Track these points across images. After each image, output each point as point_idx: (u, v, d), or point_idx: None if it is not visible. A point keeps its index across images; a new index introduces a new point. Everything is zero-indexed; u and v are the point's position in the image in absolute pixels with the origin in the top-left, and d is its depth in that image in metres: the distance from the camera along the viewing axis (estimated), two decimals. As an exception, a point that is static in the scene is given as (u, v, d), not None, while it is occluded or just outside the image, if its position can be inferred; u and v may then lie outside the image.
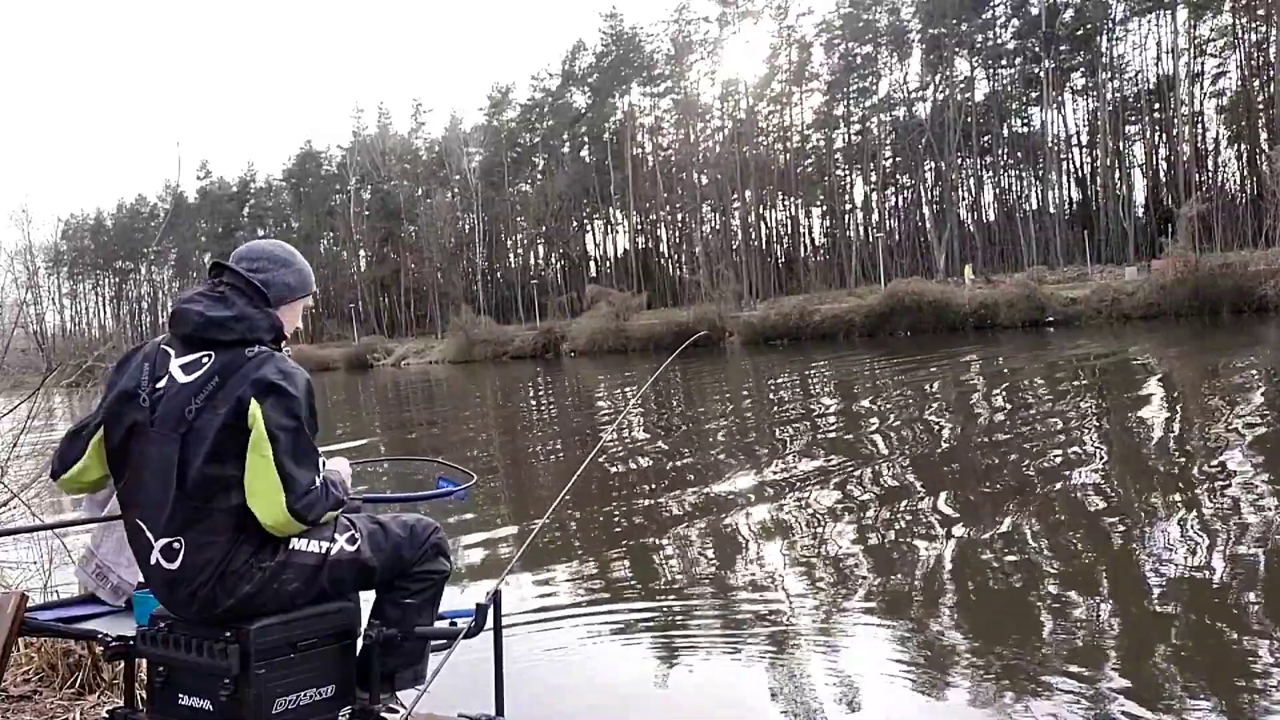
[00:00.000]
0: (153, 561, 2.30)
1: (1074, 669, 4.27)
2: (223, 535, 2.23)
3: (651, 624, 5.44)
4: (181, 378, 2.28)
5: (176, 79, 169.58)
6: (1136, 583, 5.59)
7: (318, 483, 2.26)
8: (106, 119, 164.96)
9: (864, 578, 6.08)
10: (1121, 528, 6.81)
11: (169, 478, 2.24)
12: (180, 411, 2.25)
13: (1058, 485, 8.40)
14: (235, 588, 2.24)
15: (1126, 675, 4.20)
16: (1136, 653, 4.49)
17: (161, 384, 2.31)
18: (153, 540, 2.29)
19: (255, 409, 2.20)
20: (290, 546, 2.31)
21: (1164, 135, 67.96)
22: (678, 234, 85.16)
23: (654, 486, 10.24)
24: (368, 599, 2.57)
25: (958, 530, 7.10)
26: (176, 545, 2.25)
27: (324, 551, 2.37)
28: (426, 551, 2.58)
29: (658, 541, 7.61)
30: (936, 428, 13.17)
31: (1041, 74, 67.38)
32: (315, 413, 2.32)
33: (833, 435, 13.36)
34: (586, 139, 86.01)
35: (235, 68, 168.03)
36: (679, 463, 11.94)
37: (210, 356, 2.29)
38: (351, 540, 2.44)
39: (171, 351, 2.34)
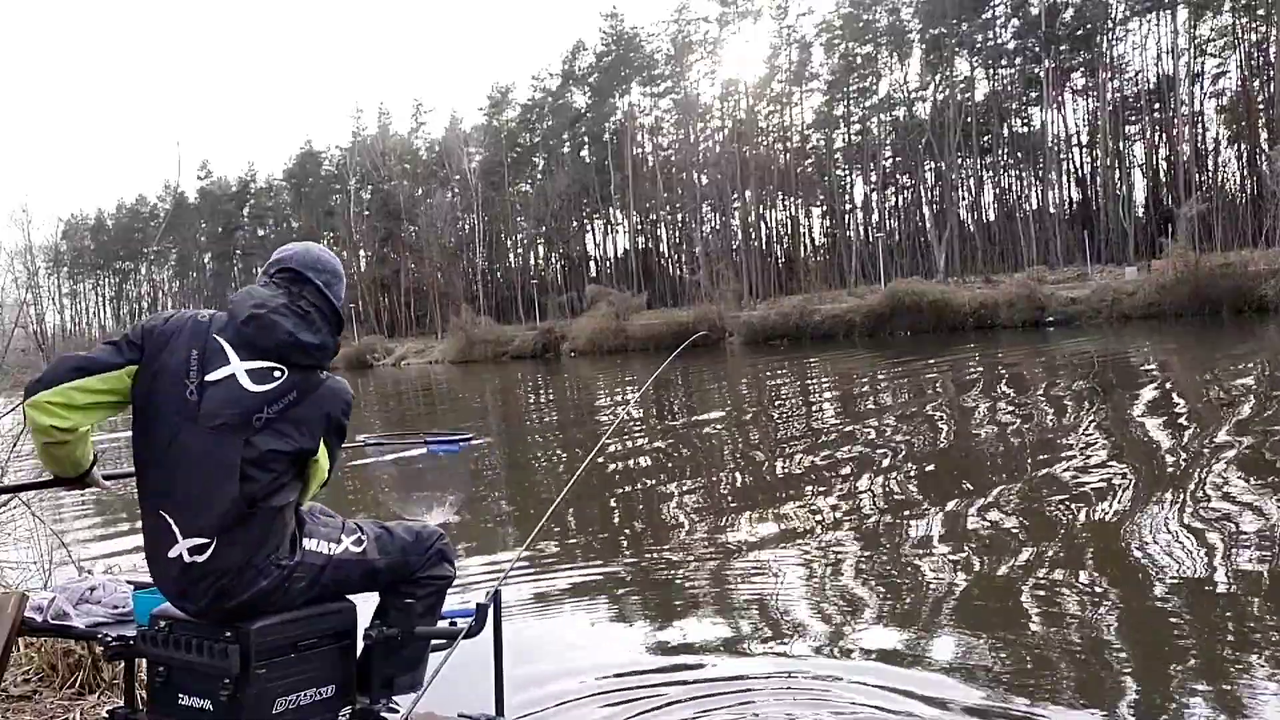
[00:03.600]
0: (173, 554, 2.25)
1: (1073, 668, 4.27)
2: (254, 532, 2.25)
3: (653, 624, 5.44)
4: (249, 384, 2.25)
5: (176, 79, 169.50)
6: (1138, 583, 5.59)
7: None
8: (106, 119, 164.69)
9: (865, 577, 6.08)
10: (1123, 528, 6.81)
11: (223, 479, 2.21)
12: (247, 417, 2.23)
13: (1059, 486, 8.40)
14: (253, 582, 2.25)
15: (1126, 675, 4.20)
16: (1137, 653, 4.49)
17: (215, 378, 2.25)
18: (179, 535, 2.25)
19: (324, 445, 2.37)
20: (304, 547, 2.35)
21: (1164, 135, 67.93)
22: (678, 234, 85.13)
23: (655, 488, 10.24)
24: (364, 603, 2.58)
25: (958, 531, 7.10)
26: (207, 542, 2.23)
27: (329, 553, 2.40)
28: (431, 557, 2.59)
29: (659, 542, 7.61)
30: (938, 428, 13.17)
31: (1041, 74, 67.37)
32: None
33: (834, 436, 13.35)
34: (586, 139, 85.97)
35: (235, 68, 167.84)
36: (680, 464, 11.95)
37: (283, 372, 2.29)
38: (357, 543, 2.47)
39: (228, 349, 2.28)
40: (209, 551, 2.24)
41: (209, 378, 2.25)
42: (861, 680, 4.28)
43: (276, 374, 2.27)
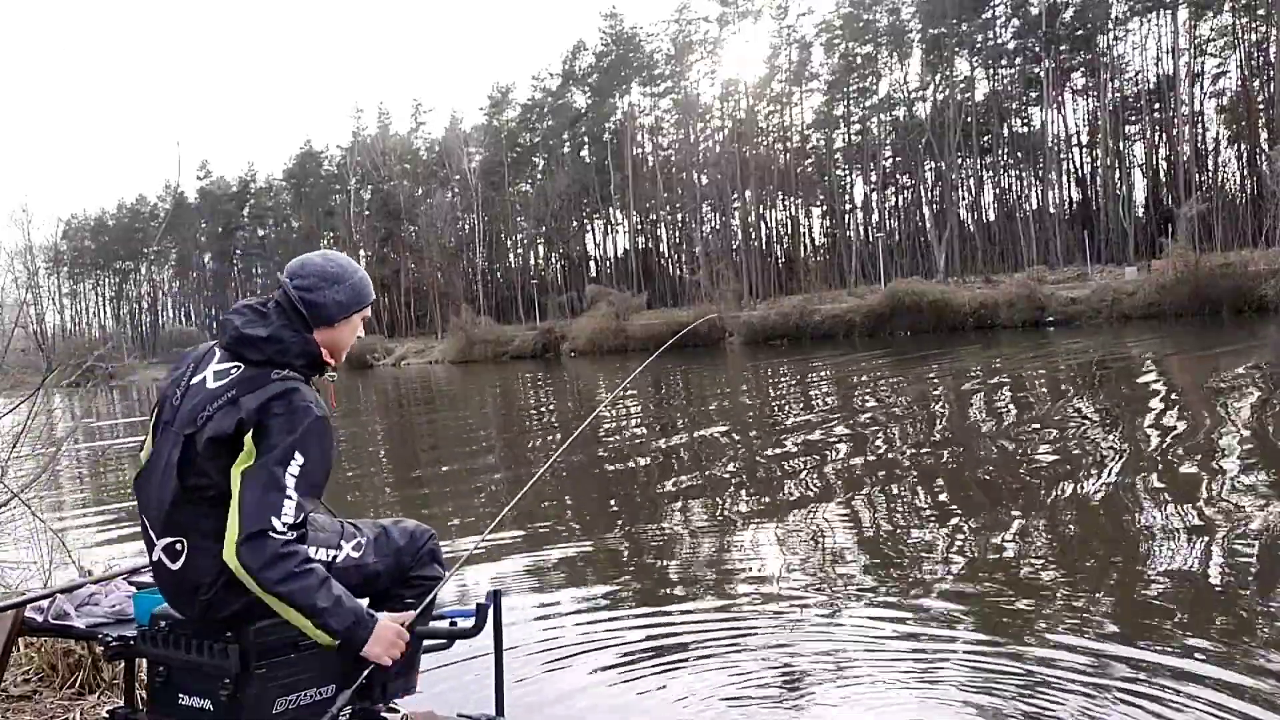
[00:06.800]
0: (154, 559, 2.31)
1: (1073, 667, 4.27)
2: (219, 531, 2.18)
3: (653, 624, 5.43)
4: (210, 383, 2.28)
5: (176, 79, 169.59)
6: (1138, 580, 5.59)
7: (280, 528, 2.10)
8: (106, 119, 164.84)
9: (866, 579, 6.08)
10: (1122, 526, 6.81)
11: (170, 476, 2.23)
12: (195, 414, 2.24)
13: (1058, 485, 8.40)
14: (244, 593, 2.21)
15: (1125, 672, 4.20)
16: (1134, 648, 4.49)
17: (194, 383, 2.31)
18: (155, 538, 2.29)
19: (250, 437, 2.17)
20: None
21: (1164, 135, 67.93)
22: (678, 234, 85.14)
23: (655, 488, 10.23)
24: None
25: (959, 531, 7.10)
26: (179, 546, 2.25)
27: (330, 559, 2.37)
28: (423, 557, 2.58)
29: (659, 542, 7.61)
30: (938, 428, 13.17)
31: (1041, 74, 67.37)
32: (318, 459, 2.21)
33: (833, 435, 13.35)
34: (586, 139, 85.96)
35: (235, 68, 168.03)
36: (680, 464, 11.94)
37: (239, 368, 2.29)
38: (357, 547, 2.45)
39: (217, 354, 2.35)
40: (182, 558, 2.24)
41: (193, 381, 2.32)
42: (862, 686, 4.29)
43: (232, 370, 2.30)
